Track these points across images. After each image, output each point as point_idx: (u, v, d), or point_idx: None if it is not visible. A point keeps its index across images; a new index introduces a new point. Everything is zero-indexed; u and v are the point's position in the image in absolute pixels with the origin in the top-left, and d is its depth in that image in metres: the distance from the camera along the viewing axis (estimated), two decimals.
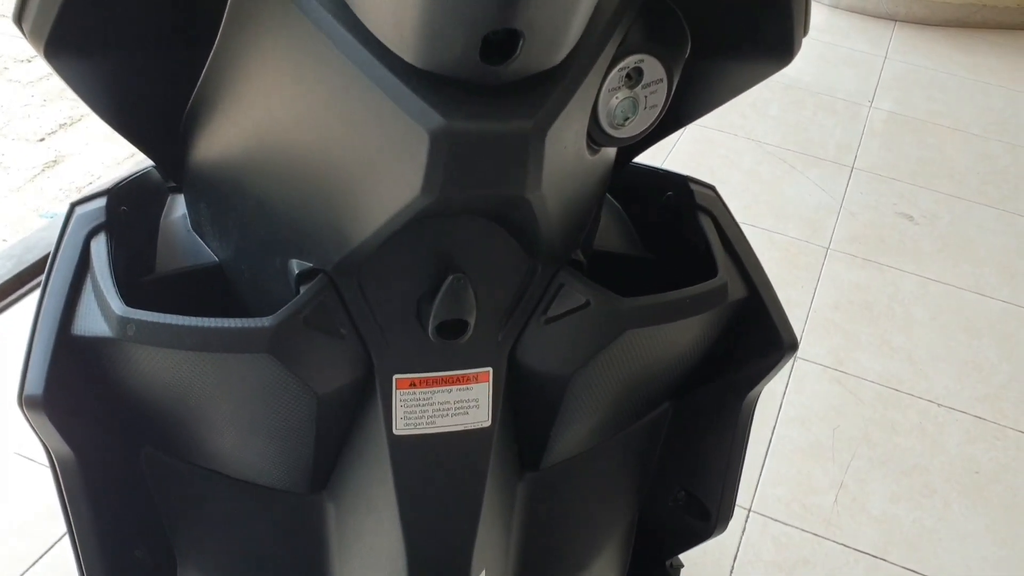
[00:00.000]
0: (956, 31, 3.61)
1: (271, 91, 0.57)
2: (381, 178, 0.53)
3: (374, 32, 0.49)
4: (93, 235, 0.65)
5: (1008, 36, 3.62)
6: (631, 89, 0.61)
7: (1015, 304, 2.25)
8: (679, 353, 0.71)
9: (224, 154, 0.64)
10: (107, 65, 0.60)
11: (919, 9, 3.59)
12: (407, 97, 0.49)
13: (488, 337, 0.64)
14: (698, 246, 0.74)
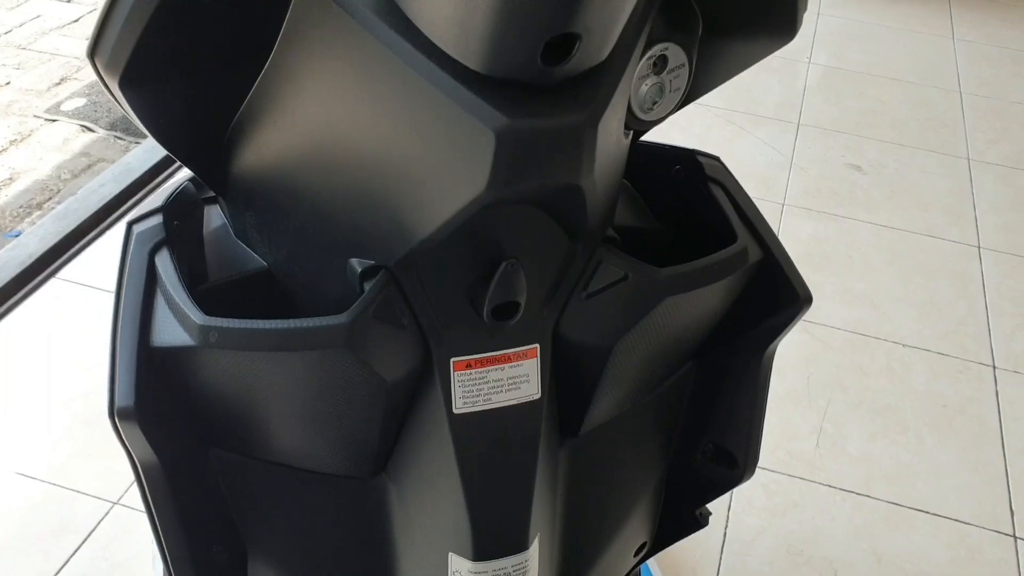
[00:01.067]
0: None
1: (329, 101, 0.61)
2: (446, 176, 0.57)
3: (437, 42, 0.53)
4: (156, 251, 0.68)
5: None
6: (658, 76, 0.66)
7: (964, 243, 2.35)
8: (706, 315, 0.77)
9: (276, 163, 0.67)
10: (168, 89, 0.63)
11: None
12: (471, 100, 0.53)
13: (534, 315, 0.69)
14: (710, 215, 0.79)
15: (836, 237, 2.34)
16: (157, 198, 0.72)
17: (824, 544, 1.61)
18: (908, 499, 1.70)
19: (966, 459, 1.79)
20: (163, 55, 0.60)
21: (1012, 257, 2.32)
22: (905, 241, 2.34)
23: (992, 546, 1.64)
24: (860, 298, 2.16)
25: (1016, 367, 2.00)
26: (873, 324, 2.08)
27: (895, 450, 1.80)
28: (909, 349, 2.03)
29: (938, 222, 2.42)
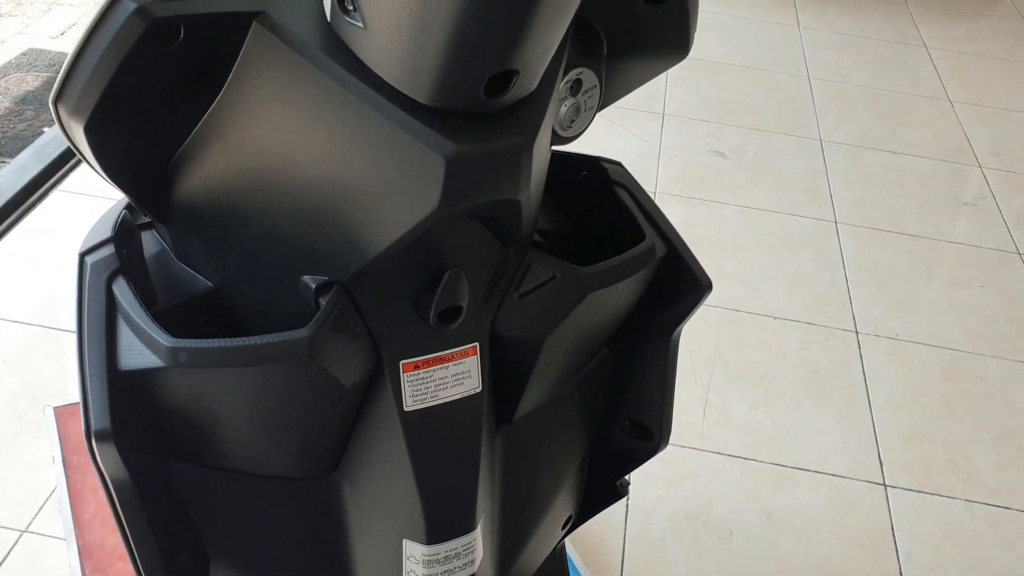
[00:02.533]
0: None
1: (280, 131, 0.66)
2: (397, 199, 0.63)
3: (386, 79, 0.59)
4: (112, 279, 0.72)
5: None
6: (574, 97, 0.74)
7: (822, 219, 2.53)
8: (621, 306, 0.85)
9: (224, 189, 0.72)
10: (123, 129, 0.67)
11: None
12: (420, 130, 0.59)
13: (473, 316, 0.76)
14: (616, 215, 0.88)
15: (706, 220, 2.48)
16: (104, 228, 0.76)
17: (719, 507, 1.74)
18: (790, 460, 1.85)
19: (839, 419, 1.95)
20: (126, 99, 0.64)
21: (865, 230, 2.51)
22: (769, 220, 2.50)
23: (866, 495, 1.80)
24: (732, 276, 2.30)
25: (876, 331, 2.17)
26: (746, 300, 2.23)
27: (775, 416, 1.94)
28: (780, 321, 2.18)
29: (798, 200, 2.59)
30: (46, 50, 3.02)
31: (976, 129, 3.03)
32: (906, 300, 2.28)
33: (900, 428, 1.94)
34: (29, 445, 1.70)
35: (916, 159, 2.84)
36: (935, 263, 2.42)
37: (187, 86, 0.66)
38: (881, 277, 2.35)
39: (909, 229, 2.53)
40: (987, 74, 3.38)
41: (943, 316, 2.25)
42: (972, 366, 2.11)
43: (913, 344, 2.15)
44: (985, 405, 2.02)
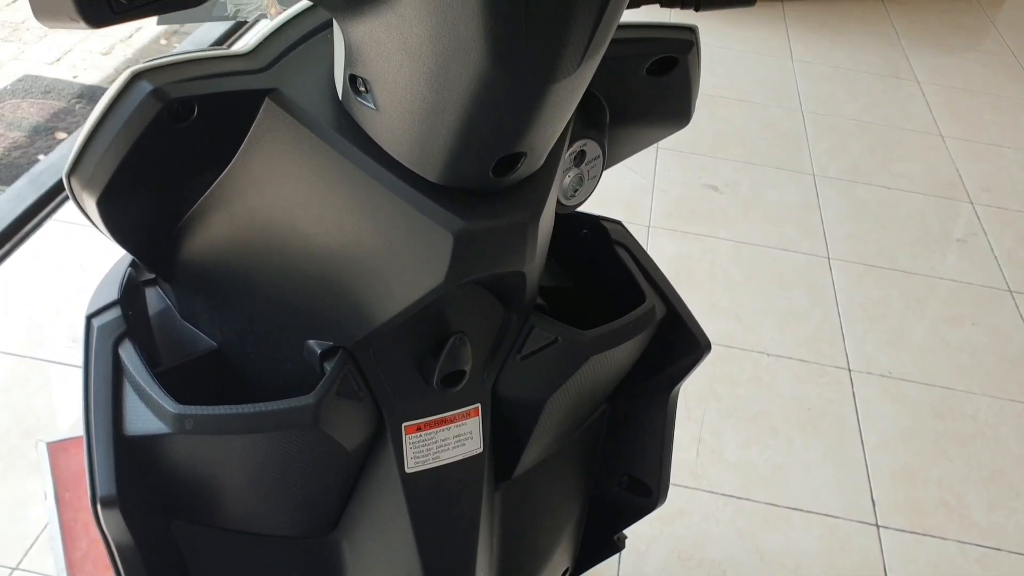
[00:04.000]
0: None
1: (289, 202, 0.66)
2: (405, 271, 0.64)
3: (398, 158, 0.60)
4: (119, 343, 0.72)
5: (770, 8, 3.98)
6: (578, 167, 0.75)
7: (815, 255, 2.54)
8: (620, 366, 0.86)
9: (231, 252, 0.72)
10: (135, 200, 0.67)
11: None
12: (430, 207, 0.60)
13: (475, 377, 0.76)
14: (616, 274, 0.88)
15: (699, 255, 2.49)
16: (110, 288, 0.76)
17: (711, 547, 1.74)
18: (783, 499, 1.85)
19: (831, 457, 1.95)
20: (139, 174, 0.64)
21: (858, 265, 2.52)
22: (762, 255, 2.52)
23: (859, 535, 1.80)
24: (725, 312, 2.31)
25: (868, 368, 2.18)
26: (739, 336, 2.24)
27: (768, 454, 1.94)
28: (773, 358, 2.18)
29: (790, 236, 2.60)
30: (42, 76, 3.02)
31: (967, 164, 3.05)
32: (898, 337, 2.30)
33: (892, 467, 1.95)
34: (20, 480, 1.69)
35: (908, 194, 2.86)
36: (927, 300, 2.43)
37: (199, 159, 0.66)
38: (873, 314, 2.36)
39: (901, 265, 2.54)
40: (978, 109, 3.41)
41: (935, 354, 2.26)
42: (963, 405, 2.12)
43: (905, 382, 2.16)
44: (976, 444, 2.03)
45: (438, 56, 0.52)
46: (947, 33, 4.07)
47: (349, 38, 0.57)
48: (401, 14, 0.51)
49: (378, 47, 0.55)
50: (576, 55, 0.52)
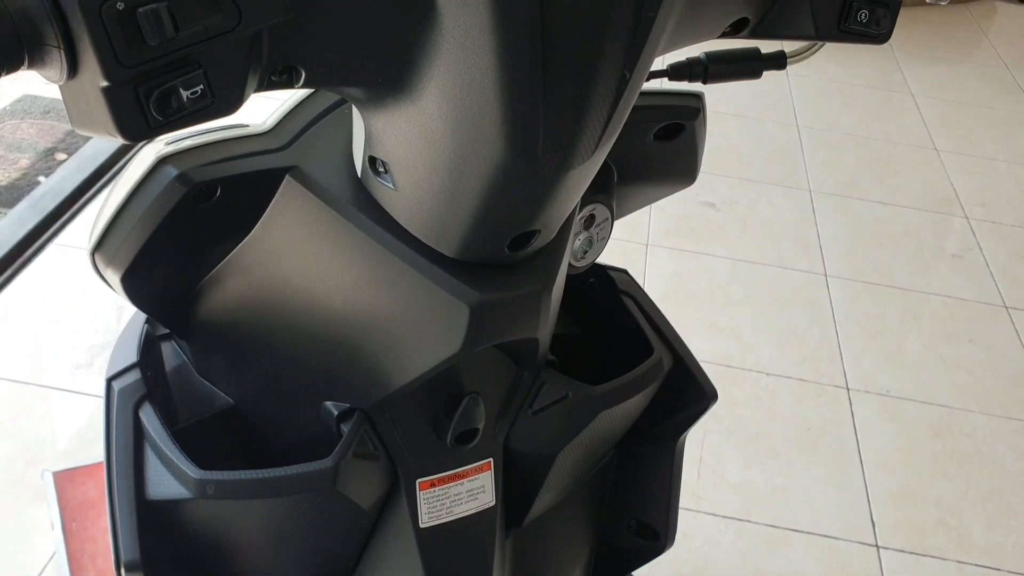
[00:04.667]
0: None
1: (306, 272, 0.67)
2: (422, 339, 0.65)
3: (415, 234, 0.61)
4: (139, 406, 0.73)
5: None
6: (588, 230, 0.77)
7: (812, 272, 2.56)
8: (629, 416, 0.87)
9: (248, 315, 0.73)
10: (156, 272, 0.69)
11: None
12: (447, 280, 0.62)
13: (488, 433, 0.78)
14: (623, 324, 0.90)
15: (698, 273, 2.51)
16: (128, 349, 0.77)
17: (714, 570, 1.75)
18: (784, 520, 1.86)
19: (831, 478, 1.97)
20: (162, 251, 0.66)
21: (855, 283, 2.54)
22: (760, 273, 2.53)
23: (859, 557, 1.82)
24: (724, 331, 2.32)
25: (867, 387, 2.20)
26: (738, 355, 2.25)
27: (769, 475, 1.96)
28: (772, 377, 2.20)
29: (788, 253, 2.62)
30: (41, 96, 3.03)
31: (961, 179, 3.07)
32: (896, 355, 2.31)
33: (891, 487, 1.97)
34: (27, 510, 1.70)
35: (904, 209, 2.88)
36: (924, 317, 2.45)
37: (220, 232, 0.68)
38: (871, 331, 2.38)
39: (898, 282, 2.56)
40: (972, 123, 3.43)
41: (932, 371, 2.28)
42: (961, 423, 2.14)
43: (903, 400, 2.18)
44: (974, 463, 2.04)
45: (457, 146, 0.53)
46: (940, 45, 4.10)
47: (369, 124, 0.58)
48: (422, 107, 0.53)
49: (398, 135, 0.56)
50: (591, 144, 0.54)
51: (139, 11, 0.40)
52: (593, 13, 0.48)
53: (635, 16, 0.49)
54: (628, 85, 0.52)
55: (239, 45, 0.44)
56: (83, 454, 1.79)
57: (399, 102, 0.54)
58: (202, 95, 0.44)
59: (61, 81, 0.43)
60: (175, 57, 0.42)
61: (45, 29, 0.41)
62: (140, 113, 0.43)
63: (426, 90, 0.52)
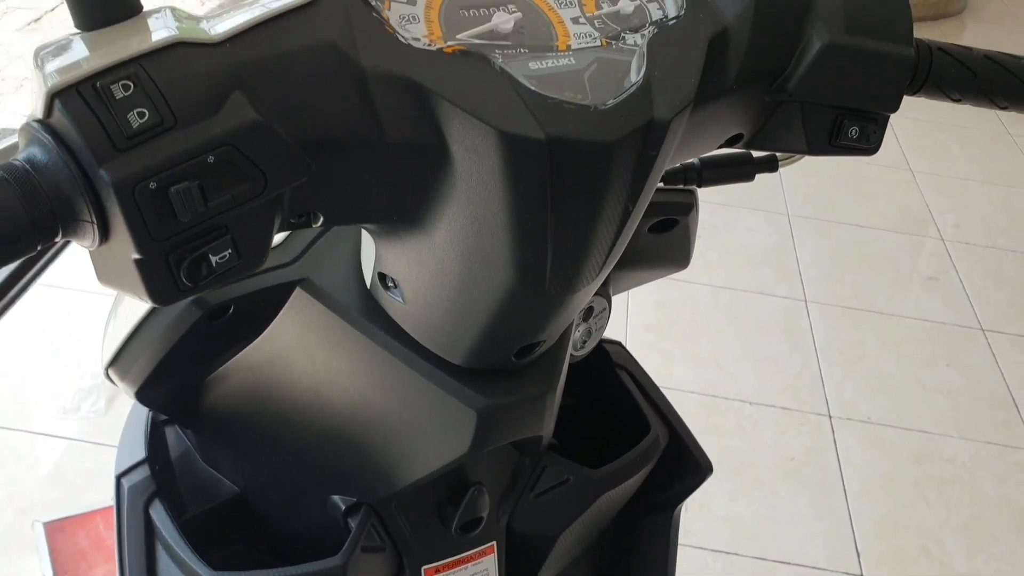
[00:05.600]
0: None
1: (314, 375, 0.69)
2: (430, 441, 0.66)
3: (424, 344, 0.63)
4: (149, 503, 0.74)
5: None
6: (586, 322, 0.78)
7: (792, 298, 2.59)
8: (627, 493, 0.89)
9: (255, 410, 0.74)
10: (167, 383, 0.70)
11: None
12: (454, 387, 0.63)
13: (491, 518, 0.79)
14: (618, 397, 0.91)
15: (680, 302, 2.53)
16: (135, 442, 0.78)
17: None
18: (771, 552, 1.89)
19: (815, 508, 2.00)
20: (175, 365, 0.67)
21: (834, 308, 2.57)
22: (740, 300, 2.56)
23: None
24: (707, 360, 2.35)
25: (848, 414, 2.23)
26: (721, 385, 2.28)
27: (755, 506, 1.98)
28: (755, 407, 2.23)
29: (768, 279, 2.65)
30: None
31: (937, 200, 3.12)
32: (876, 380, 2.35)
33: (875, 515, 2.00)
34: (17, 561, 1.70)
35: (881, 232, 2.92)
36: (903, 341, 2.49)
37: (229, 340, 0.69)
38: (851, 357, 2.41)
39: (877, 306, 2.60)
40: (946, 142, 3.48)
41: (912, 396, 2.31)
42: (942, 449, 2.17)
43: (884, 427, 2.21)
44: (955, 489, 2.08)
45: (467, 274, 0.55)
46: None
47: (380, 247, 0.59)
48: (433, 239, 0.54)
49: (409, 260, 0.58)
50: (596, 269, 0.56)
51: (171, 190, 0.41)
52: (599, 158, 0.50)
53: (638, 156, 0.51)
54: (631, 216, 0.54)
55: (264, 207, 0.46)
56: (73, 502, 1.79)
57: (411, 233, 0.55)
58: (230, 257, 0.45)
59: (93, 248, 0.45)
60: (205, 227, 0.43)
61: (79, 205, 0.42)
62: (171, 280, 0.44)
63: (438, 225, 0.53)
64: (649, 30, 0.55)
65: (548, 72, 0.51)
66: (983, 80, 0.68)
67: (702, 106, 0.56)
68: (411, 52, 0.48)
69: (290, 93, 0.46)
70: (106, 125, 0.41)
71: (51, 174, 0.42)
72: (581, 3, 0.55)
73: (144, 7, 0.48)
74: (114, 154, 0.41)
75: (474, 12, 0.52)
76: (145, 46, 0.43)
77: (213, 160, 0.43)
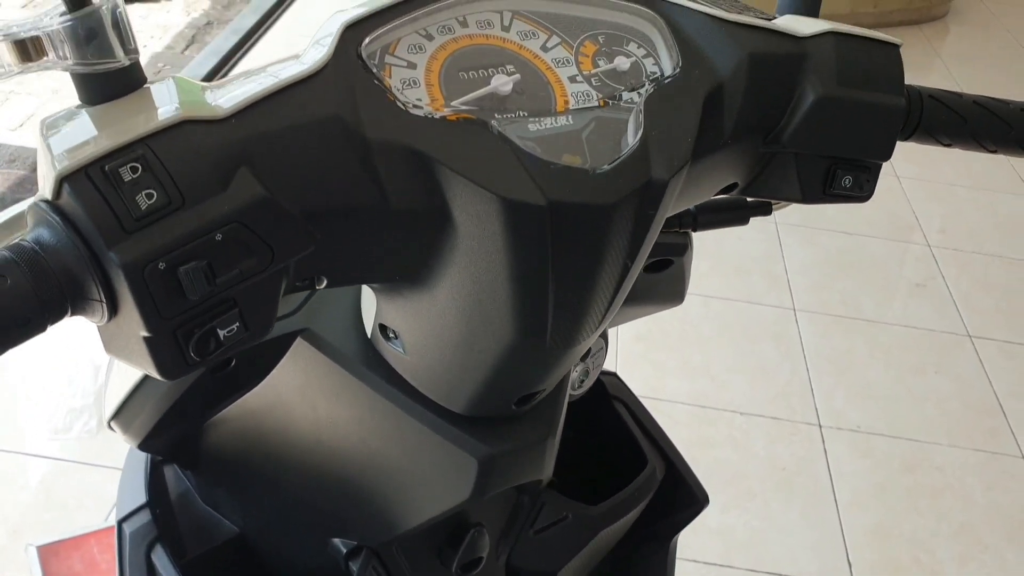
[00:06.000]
0: None
1: (315, 421, 0.69)
2: (431, 487, 0.67)
3: (426, 393, 0.64)
4: (151, 548, 0.75)
5: None
6: (584, 362, 0.79)
7: (781, 307, 2.61)
8: (625, 527, 0.90)
9: (255, 454, 0.75)
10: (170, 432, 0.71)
11: None
12: (456, 435, 0.64)
13: (491, 555, 0.80)
14: (613, 427, 0.92)
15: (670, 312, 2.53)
16: (136, 486, 0.79)
17: None
18: (764, 564, 1.90)
19: (807, 518, 2.01)
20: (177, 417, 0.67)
21: (823, 316, 2.59)
22: (730, 309, 2.57)
23: None
24: (698, 370, 2.36)
25: (838, 423, 2.25)
26: (712, 395, 2.29)
27: (747, 518, 1.99)
28: (746, 417, 2.24)
29: (757, 288, 2.66)
30: (5, 144, 3.01)
31: (923, 206, 3.14)
32: (865, 388, 2.36)
33: (866, 525, 2.01)
34: None
35: (868, 239, 2.94)
36: (891, 349, 2.50)
37: (230, 390, 0.69)
38: (840, 366, 2.43)
39: (865, 314, 2.61)
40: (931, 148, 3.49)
41: (901, 404, 2.33)
42: (931, 457, 2.19)
43: (874, 436, 2.22)
44: (945, 497, 2.09)
45: (469, 330, 0.56)
46: None
47: (381, 302, 0.60)
48: (435, 297, 0.55)
49: (410, 315, 0.58)
50: (596, 322, 0.56)
51: (180, 270, 0.42)
52: (599, 220, 0.51)
53: (636, 216, 0.52)
54: (630, 271, 0.55)
55: (270, 278, 0.46)
56: (66, 525, 1.79)
57: (412, 290, 0.56)
58: (238, 330, 0.46)
59: (101, 324, 0.45)
60: (212, 302, 0.44)
61: (88, 285, 0.42)
62: (180, 356, 0.44)
63: (440, 283, 0.54)
64: (646, 88, 0.56)
65: (547, 134, 0.52)
66: (973, 125, 0.69)
67: (698, 160, 0.57)
68: (414, 121, 0.49)
69: (295, 166, 0.46)
70: (115, 208, 0.41)
71: (60, 255, 0.42)
72: (578, 61, 0.56)
73: (148, 78, 0.48)
74: (123, 236, 0.41)
75: (473, 74, 0.53)
76: (152, 125, 0.43)
77: (221, 238, 0.43)
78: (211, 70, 3.46)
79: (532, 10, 0.57)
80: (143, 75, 0.47)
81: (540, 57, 0.55)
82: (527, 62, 0.55)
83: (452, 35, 0.54)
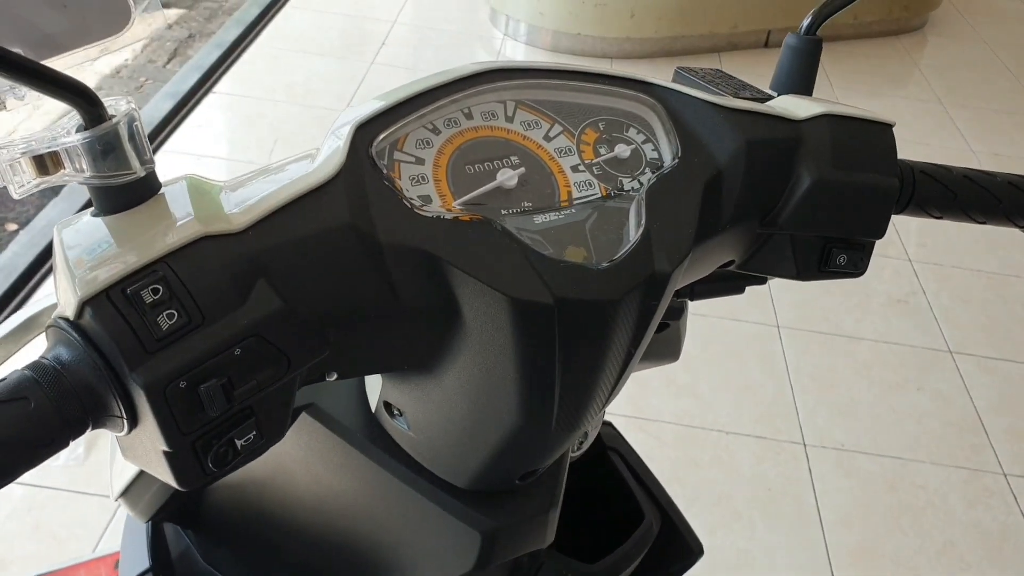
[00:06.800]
0: (662, 60, 4.04)
1: (318, 493, 0.70)
2: (434, 559, 0.68)
3: (430, 468, 0.65)
4: None
5: (703, 59, 4.08)
6: None
7: (764, 324, 2.63)
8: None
9: (257, 519, 0.75)
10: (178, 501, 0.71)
11: (629, 47, 4.00)
12: (459, 509, 0.65)
13: None
14: (608, 475, 0.93)
15: None
16: (138, 547, 0.79)
17: None
18: None
19: (792, 538, 2.03)
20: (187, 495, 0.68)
21: (805, 333, 2.61)
22: (715, 327, 2.59)
23: None
24: (684, 389, 2.38)
25: (822, 442, 2.27)
26: (698, 414, 2.31)
27: (733, 539, 2.01)
28: (732, 436, 2.26)
29: (740, 304, 2.68)
30: None
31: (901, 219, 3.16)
32: (848, 406, 2.39)
33: (850, 544, 2.03)
34: None
35: None
36: (873, 365, 2.53)
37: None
38: (823, 383, 2.45)
39: (847, 330, 2.64)
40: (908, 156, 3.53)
41: (883, 422, 2.35)
42: (913, 475, 2.21)
43: (858, 454, 2.25)
44: (928, 516, 2.12)
45: (475, 417, 0.57)
46: (875, 76, 4.21)
47: (387, 382, 0.61)
48: (442, 383, 0.56)
49: (415, 396, 0.59)
50: (599, 407, 0.58)
51: (200, 388, 0.43)
52: (605, 314, 0.52)
53: (640, 307, 0.53)
54: (634, 357, 0.56)
55: (285, 385, 0.47)
56: (56, 553, 1.78)
57: (420, 377, 0.57)
58: (255, 439, 0.46)
59: (121, 434, 0.46)
60: (230, 414, 0.45)
61: (109, 402, 0.43)
62: (199, 467, 0.45)
63: (447, 372, 0.55)
64: (646, 175, 0.57)
65: (552, 227, 0.53)
66: (963, 199, 0.71)
67: (697, 245, 0.58)
68: (424, 222, 0.50)
69: (312, 274, 0.47)
70: (136, 330, 0.42)
71: (81, 374, 0.43)
72: (580, 151, 0.57)
73: (161, 182, 0.49)
74: (145, 357, 0.42)
75: (479, 167, 0.54)
76: (171, 243, 0.44)
77: (240, 352, 0.44)
78: (193, 85, 3.45)
79: (535, 99, 0.58)
80: (158, 182, 0.48)
81: (543, 148, 0.56)
82: (531, 153, 0.56)
83: (458, 128, 0.55)
